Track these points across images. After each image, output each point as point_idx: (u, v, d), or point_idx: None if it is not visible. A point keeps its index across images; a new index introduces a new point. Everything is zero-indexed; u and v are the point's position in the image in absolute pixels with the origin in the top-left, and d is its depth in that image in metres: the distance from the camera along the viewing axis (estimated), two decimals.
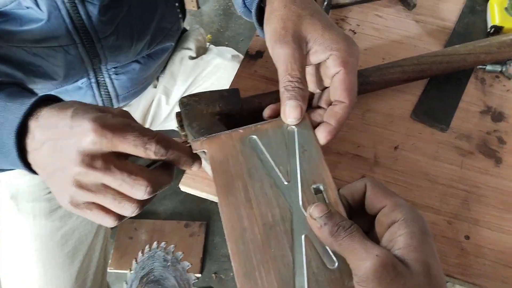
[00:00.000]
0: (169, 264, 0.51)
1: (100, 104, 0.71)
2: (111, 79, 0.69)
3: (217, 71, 0.84)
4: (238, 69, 0.56)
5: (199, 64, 0.85)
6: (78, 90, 0.68)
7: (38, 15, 0.53)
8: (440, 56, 0.53)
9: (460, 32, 0.60)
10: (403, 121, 0.52)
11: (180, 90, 0.84)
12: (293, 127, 0.40)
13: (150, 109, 0.85)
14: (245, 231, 0.34)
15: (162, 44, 0.75)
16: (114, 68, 0.68)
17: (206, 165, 0.45)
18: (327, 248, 0.34)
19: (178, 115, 0.46)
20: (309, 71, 0.43)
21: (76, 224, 0.75)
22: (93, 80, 0.67)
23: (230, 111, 0.45)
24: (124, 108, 0.82)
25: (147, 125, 0.86)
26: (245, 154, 0.39)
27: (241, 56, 0.89)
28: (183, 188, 0.47)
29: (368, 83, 0.50)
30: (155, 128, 0.91)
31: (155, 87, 0.84)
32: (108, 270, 0.97)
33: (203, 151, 0.38)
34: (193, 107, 0.45)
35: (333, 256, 0.34)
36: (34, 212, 0.72)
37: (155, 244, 0.55)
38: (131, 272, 0.55)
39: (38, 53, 0.59)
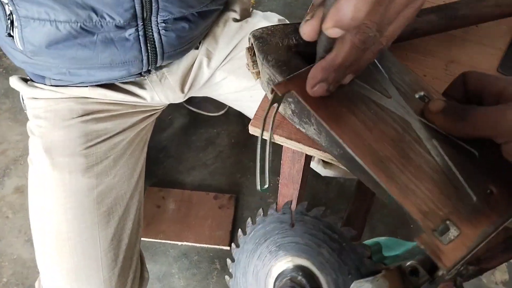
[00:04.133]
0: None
1: (145, 60, 0.68)
2: (159, 34, 0.66)
3: None
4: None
5: (243, 27, 0.81)
6: (125, 42, 0.64)
7: None
8: None
9: None
10: None
11: (222, 53, 0.80)
12: None
13: (190, 72, 0.81)
14: (377, 152, 0.32)
15: (213, 5, 0.72)
16: (164, 23, 0.65)
17: (287, 109, 0.41)
18: (459, 142, 0.33)
19: (249, 50, 0.42)
20: None
21: (113, 183, 0.72)
22: (141, 33, 0.64)
23: (308, 43, 0.41)
24: (164, 69, 0.79)
25: (186, 89, 0.82)
26: None
27: (288, 22, 0.85)
28: (251, 130, 0.43)
29: (458, 17, 0.47)
30: (193, 93, 0.87)
31: (197, 48, 0.80)
32: None
33: (288, 94, 0.35)
34: (267, 41, 0.41)
35: (469, 148, 0.33)
36: (69, 168, 0.69)
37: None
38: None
39: None
